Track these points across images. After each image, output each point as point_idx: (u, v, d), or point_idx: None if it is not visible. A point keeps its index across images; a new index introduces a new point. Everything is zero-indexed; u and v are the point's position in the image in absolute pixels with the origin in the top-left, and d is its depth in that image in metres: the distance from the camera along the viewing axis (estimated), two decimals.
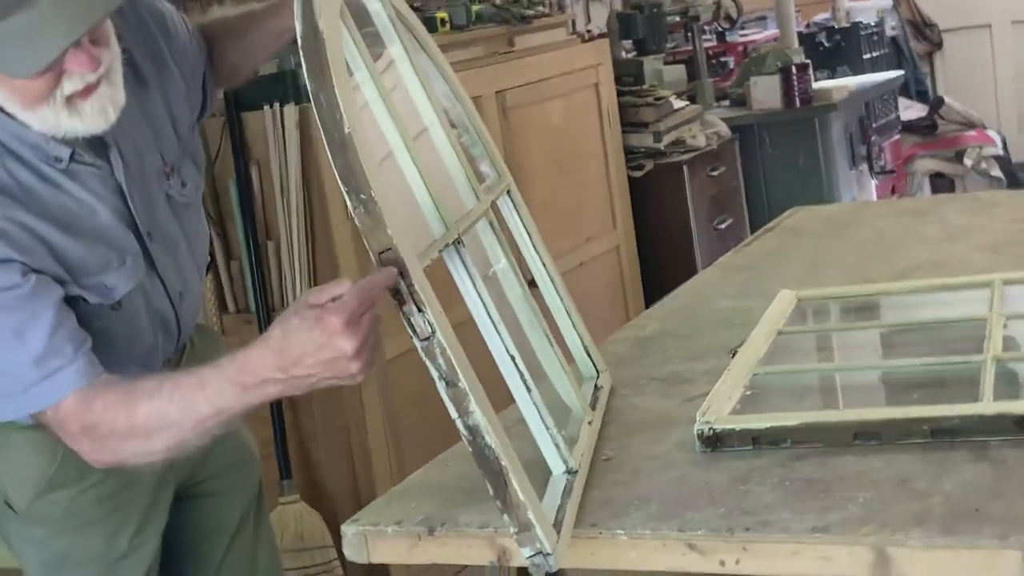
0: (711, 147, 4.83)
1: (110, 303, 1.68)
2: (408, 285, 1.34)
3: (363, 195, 1.34)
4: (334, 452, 3.23)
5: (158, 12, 1.83)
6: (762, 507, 1.40)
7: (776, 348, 1.91)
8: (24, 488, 1.79)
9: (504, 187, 1.83)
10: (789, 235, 2.84)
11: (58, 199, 1.62)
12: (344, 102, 1.37)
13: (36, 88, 1.52)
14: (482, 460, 1.35)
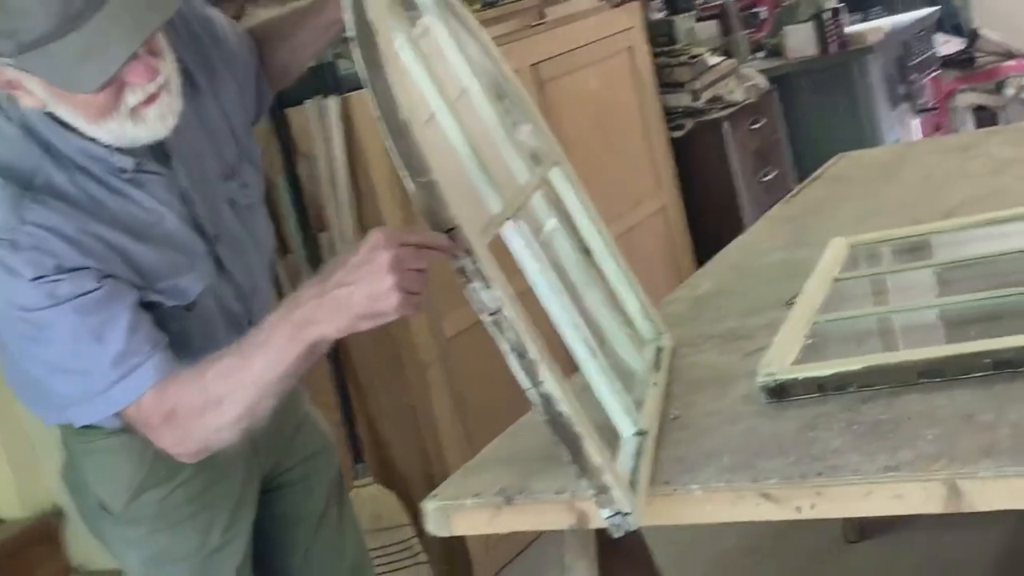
0: (750, 100, 4.82)
1: (184, 304, 1.72)
2: (474, 262, 1.37)
3: (423, 178, 1.37)
4: (403, 433, 3.29)
5: (205, 18, 1.86)
6: (831, 452, 1.42)
7: (832, 296, 1.93)
8: (118, 491, 1.84)
9: (554, 159, 1.86)
10: (836, 182, 2.85)
11: (127, 208, 1.66)
12: (398, 89, 1.40)
13: (101, 103, 1.56)
14: (557, 427, 1.38)
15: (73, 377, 1.63)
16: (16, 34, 1.48)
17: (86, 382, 1.63)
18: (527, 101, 1.89)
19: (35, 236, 1.56)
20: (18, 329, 1.62)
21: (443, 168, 1.40)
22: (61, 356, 1.62)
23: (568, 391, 1.40)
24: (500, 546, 3.37)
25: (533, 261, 1.55)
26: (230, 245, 1.80)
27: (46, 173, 1.61)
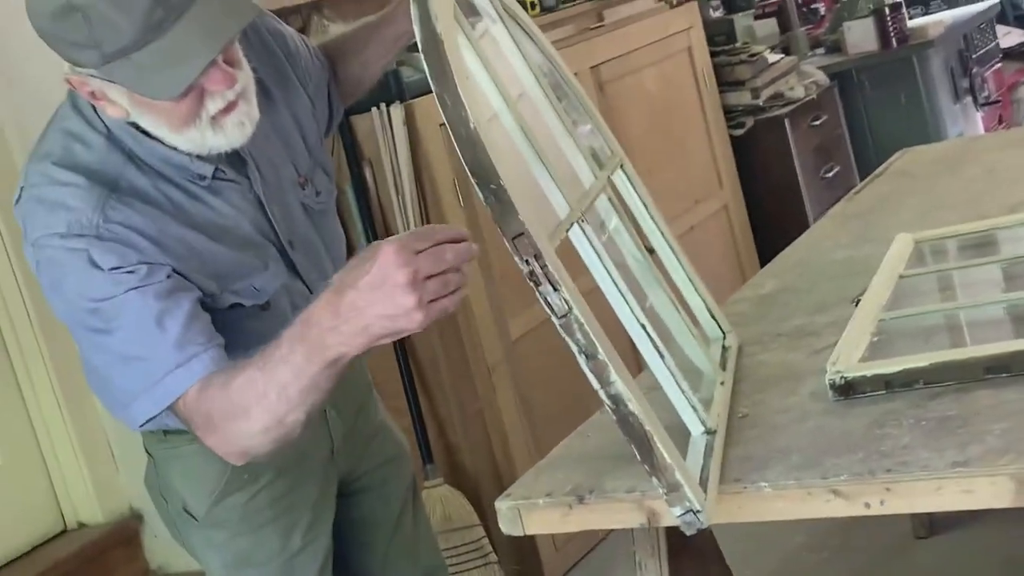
0: (810, 97, 4.81)
1: (260, 303, 1.77)
2: (543, 266, 1.40)
3: (493, 185, 1.39)
4: (471, 435, 3.32)
5: (279, 33, 1.92)
6: (900, 448, 1.43)
7: (899, 292, 1.93)
8: (201, 496, 1.88)
9: (617, 161, 1.88)
10: (899, 178, 2.84)
11: (204, 213, 1.71)
12: (467, 99, 1.43)
13: (183, 111, 1.60)
14: (627, 427, 1.41)
15: (134, 365, 1.64)
16: (100, 45, 1.53)
17: (146, 370, 1.63)
18: (587, 103, 1.92)
19: (118, 233, 1.61)
20: (87, 322, 1.65)
21: (510, 173, 1.43)
22: (125, 343, 1.64)
23: (637, 391, 1.42)
24: (569, 545, 3.40)
25: (600, 264, 1.57)
26: (304, 250, 1.85)
27: (129, 178, 1.66)
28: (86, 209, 1.61)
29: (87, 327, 1.66)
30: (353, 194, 3.26)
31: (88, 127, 1.69)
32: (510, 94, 1.60)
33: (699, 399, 1.63)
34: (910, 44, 5.08)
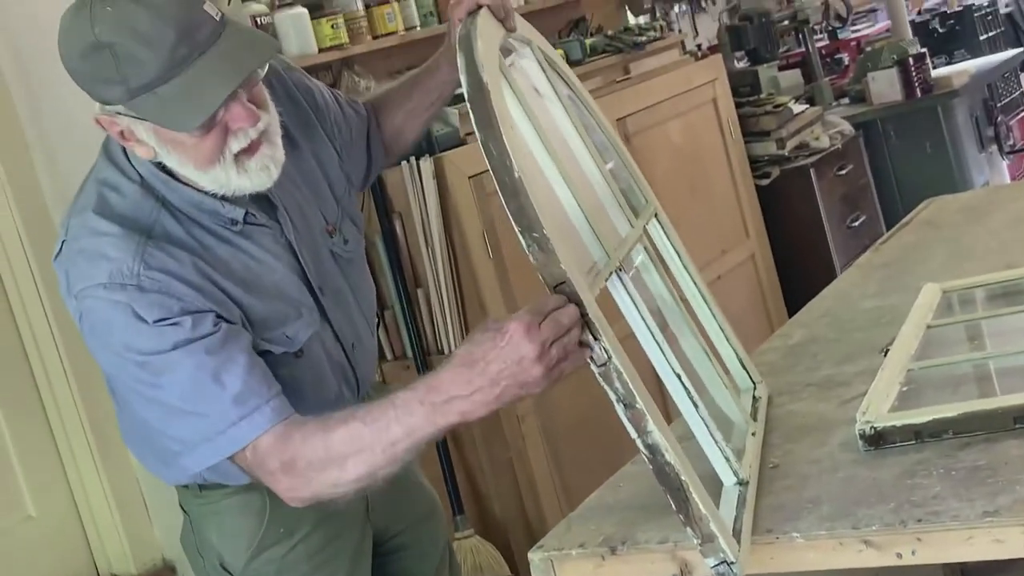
0: (836, 147, 4.84)
1: (293, 351, 1.79)
2: (583, 315, 1.43)
3: (536, 233, 1.42)
4: (501, 485, 3.33)
5: (305, 87, 1.96)
6: (931, 498, 1.44)
7: (927, 342, 1.95)
8: (238, 551, 1.89)
9: (652, 210, 1.91)
10: (926, 228, 2.86)
11: (239, 258, 1.74)
12: (512, 148, 1.46)
13: (208, 148, 1.64)
14: (662, 476, 1.42)
15: (191, 419, 1.66)
16: (127, 80, 1.58)
17: (205, 424, 1.65)
18: (622, 150, 1.95)
19: (160, 281, 1.63)
20: (136, 375, 1.67)
21: (551, 223, 1.45)
22: (180, 399, 1.66)
23: (674, 441, 1.44)
24: None
25: (637, 313, 1.60)
26: (333, 297, 1.87)
27: (163, 224, 1.69)
28: (126, 258, 1.64)
29: (137, 380, 1.68)
30: (383, 246, 3.30)
31: (122, 176, 1.72)
32: (552, 143, 1.63)
33: (731, 449, 1.65)
34: (934, 94, 5.11)
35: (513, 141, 1.47)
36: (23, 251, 2.89)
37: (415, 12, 4.08)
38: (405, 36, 4.01)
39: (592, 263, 1.59)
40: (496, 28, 1.73)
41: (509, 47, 1.78)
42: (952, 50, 6.05)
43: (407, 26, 4.04)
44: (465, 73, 1.52)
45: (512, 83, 1.63)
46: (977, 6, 6.28)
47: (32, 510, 2.96)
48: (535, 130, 1.62)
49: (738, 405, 1.81)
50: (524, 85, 1.70)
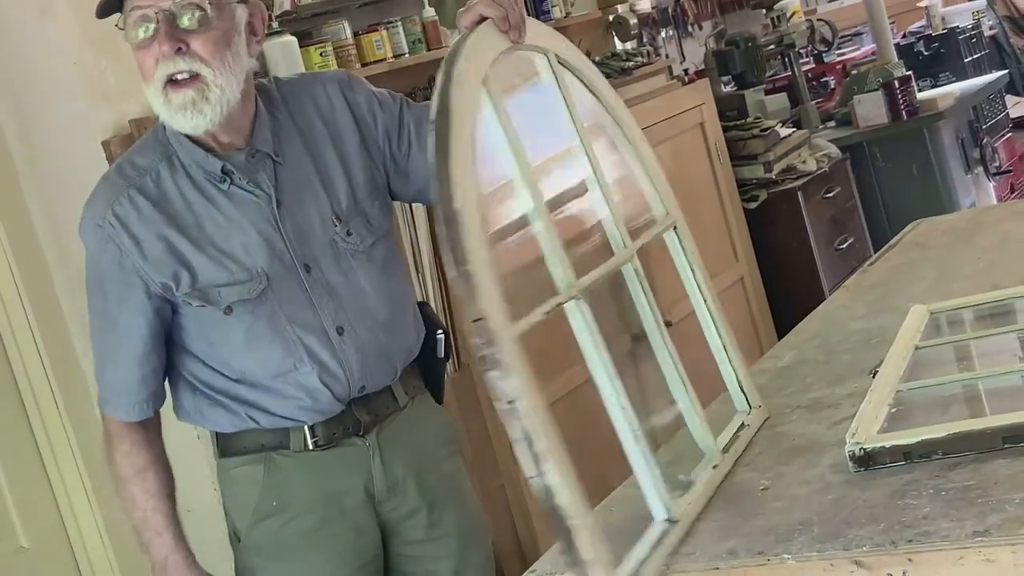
0: (823, 170, 4.87)
1: (221, 308, 1.96)
2: (494, 353, 1.43)
3: (463, 267, 1.43)
4: (493, 511, 3.32)
5: (355, 101, 2.08)
6: (921, 519, 1.45)
7: (915, 363, 1.96)
8: (243, 518, 2.06)
9: (670, 223, 1.92)
10: (913, 249, 2.87)
11: (211, 215, 1.96)
12: (459, 179, 1.47)
13: (143, 63, 1.88)
14: (555, 518, 1.43)
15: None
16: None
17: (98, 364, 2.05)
18: (648, 159, 1.95)
19: (115, 228, 1.94)
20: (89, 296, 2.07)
21: (482, 258, 1.45)
22: (92, 331, 2.08)
23: (572, 484, 1.44)
24: None
25: (590, 343, 1.61)
26: (321, 281, 2.00)
27: (157, 172, 1.96)
28: (101, 201, 1.96)
29: None
30: None
31: (152, 132, 2.01)
32: (529, 167, 1.64)
33: (666, 488, 1.65)
34: (920, 116, 5.14)
35: (463, 173, 1.48)
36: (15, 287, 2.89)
37: (403, 39, 4.11)
38: (394, 63, 4.03)
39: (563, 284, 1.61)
40: (497, 41, 1.73)
41: (523, 56, 1.79)
42: (937, 72, 6.09)
43: (395, 53, 4.07)
44: (437, 92, 1.54)
45: (495, 102, 1.63)
46: (961, 28, 6.31)
47: (23, 540, 2.95)
48: (512, 152, 1.63)
49: (711, 436, 1.82)
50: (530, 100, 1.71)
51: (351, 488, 2.06)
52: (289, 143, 2.01)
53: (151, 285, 1.95)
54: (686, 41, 6.49)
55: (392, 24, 4.09)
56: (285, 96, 2.06)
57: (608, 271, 1.75)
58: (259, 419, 2.02)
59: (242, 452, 2.05)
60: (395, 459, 2.08)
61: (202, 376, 2.03)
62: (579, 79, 1.88)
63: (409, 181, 2.11)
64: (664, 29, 6.36)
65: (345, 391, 2.02)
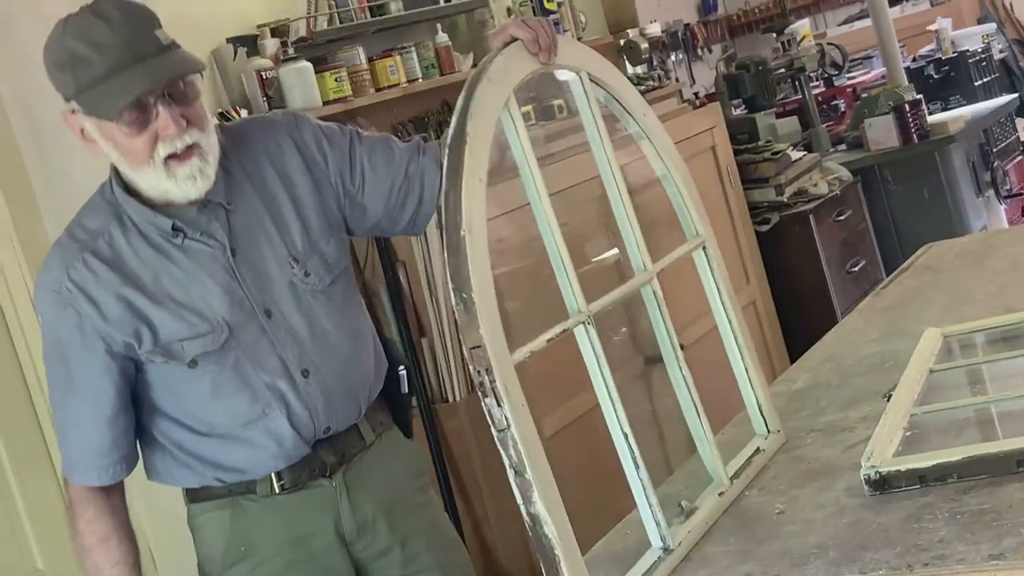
0: (834, 193, 4.88)
1: (185, 362, 1.94)
2: (491, 381, 1.45)
3: (465, 294, 1.46)
4: (507, 534, 3.34)
5: (303, 142, 2.06)
6: (937, 542, 1.46)
7: (929, 386, 1.97)
8: (213, 563, 2.06)
9: (699, 241, 1.94)
10: (925, 272, 2.88)
11: (168, 270, 1.94)
12: (468, 206, 1.49)
13: (138, 147, 1.86)
14: (539, 546, 1.46)
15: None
16: (77, 78, 1.83)
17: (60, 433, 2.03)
18: (683, 180, 1.98)
19: (72, 294, 1.92)
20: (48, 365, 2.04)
21: (486, 286, 1.48)
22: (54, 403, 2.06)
23: (559, 514, 1.47)
24: None
25: (596, 364, 1.64)
26: (283, 324, 1.99)
27: (110, 234, 1.95)
28: (57, 266, 1.94)
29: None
30: (387, 296, 3.33)
31: (100, 192, 1.99)
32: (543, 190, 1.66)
33: (663, 516, 1.67)
34: (931, 139, 5.14)
35: (473, 199, 1.50)
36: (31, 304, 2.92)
37: (417, 65, 4.14)
38: (407, 88, 4.07)
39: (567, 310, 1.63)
40: (526, 63, 1.75)
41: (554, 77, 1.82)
42: (947, 96, 6.09)
43: (409, 78, 4.10)
44: (456, 115, 1.56)
45: (516, 124, 1.65)
46: (971, 52, 6.32)
47: (40, 562, 2.97)
48: (532, 176, 1.65)
49: (721, 462, 1.83)
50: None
51: (320, 530, 2.04)
52: (239, 190, 1.99)
53: (113, 345, 1.93)
54: (696, 65, 6.53)
55: (406, 50, 4.12)
56: (233, 143, 2.03)
57: (624, 294, 1.77)
58: (224, 478, 2.01)
59: (209, 498, 2.04)
60: (363, 498, 2.07)
61: (172, 435, 2.01)
62: (612, 96, 1.90)
63: (366, 214, 2.09)
64: (674, 53, 6.40)
65: (311, 433, 2.01)
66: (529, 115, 3.85)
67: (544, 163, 1.74)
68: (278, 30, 3.83)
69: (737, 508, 1.78)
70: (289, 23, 3.85)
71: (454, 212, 1.49)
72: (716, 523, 1.74)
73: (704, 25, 7.03)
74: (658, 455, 2.70)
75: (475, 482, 3.34)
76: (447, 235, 1.49)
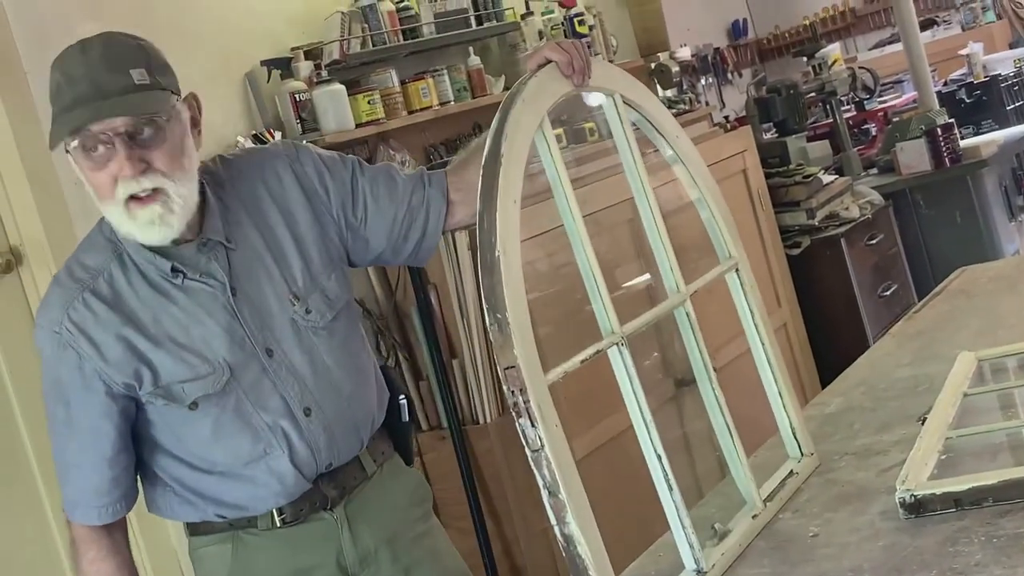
0: (866, 217, 4.87)
1: (186, 404, 1.93)
2: (525, 401, 1.46)
3: (499, 314, 1.47)
4: (537, 556, 3.34)
5: (304, 174, 2.05)
6: (973, 565, 1.45)
7: (964, 410, 1.96)
8: None
9: (731, 265, 1.95)
10: (958, 296, 2.87)
11: (168, 311, 1.93)
12: (503, 226, 1.50)
13: (99, 183, 1.85)
14: (573, 567, 1.46)
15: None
16: (55, 105, 1.84)
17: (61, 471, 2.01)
18: (714, 201, 1.98)
19: (72, 334, 1.91)
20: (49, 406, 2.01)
21: (520, 307, 1.48)
22: (55, 445, 2.03)
23: (593, 534, 1.47)
24: None
25: (629, 386, 1.64)
26: (285, 361, 1.97)
27: (110, 273, 1.93)
28: (57, 308, 1.93)
29: None
30: (419, 317, 3.34)
31: (98, 230, 1.98)
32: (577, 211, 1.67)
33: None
34: (963, 163, 5.13)
35: (507, 220, 1.51)
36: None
37: (449, 87, 4.16)
38: (440, 111, 4.08)
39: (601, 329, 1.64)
40: (560, 86, 1.76)
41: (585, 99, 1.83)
42: (979, 120, 6.07)
43: (441, 101, 4.12)
44: (491, 137, 1.57)
45: (550, 146, 1.67)
46: (1003, 76, 6.30)
47: None
48: (564, 193, 1.66)
49: (754, 484, 1.83)
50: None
51: (321, 562, 2.03)
52: (239, 226, 1.98)
53: (113, 387, 1.92)
54: (725, 89, 6.53)
55: (438, 72, 4.15)
56: (232, 177, 2.03)
57: (658, 315, 1.78)
58: (225, 513, 2.01)
59: (210, 531, 2.03)
60: (365, 529, 2.06)
61: (173, 472, 2.00)
62: (645, 118, 1.91)
63: (369, 246, 2.08)
64: (704, 77, 6.40)
65: (313, 470, 2.00)
66: (560, 138, 3.86)
67: (574, 186, 1.75)
68: (312, 53, 3.86)
69: (771, 531, 1.77)
70: (323, 46, 3.88)
71: (488, 232, 1.50)
72: (750, 545, 1.73)
73: (734, 49, 7.04)
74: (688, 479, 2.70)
75: (505, 503, 3.34)
76: (481, 255, 1.50)
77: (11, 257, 3.09)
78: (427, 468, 3.41)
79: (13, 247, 3.10)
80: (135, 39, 1.90)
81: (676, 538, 1.65)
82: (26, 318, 3.01)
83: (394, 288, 3.38)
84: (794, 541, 1.71)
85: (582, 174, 3.50)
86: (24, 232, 3.09)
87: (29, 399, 2.34)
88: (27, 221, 3.08)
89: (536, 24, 4.60)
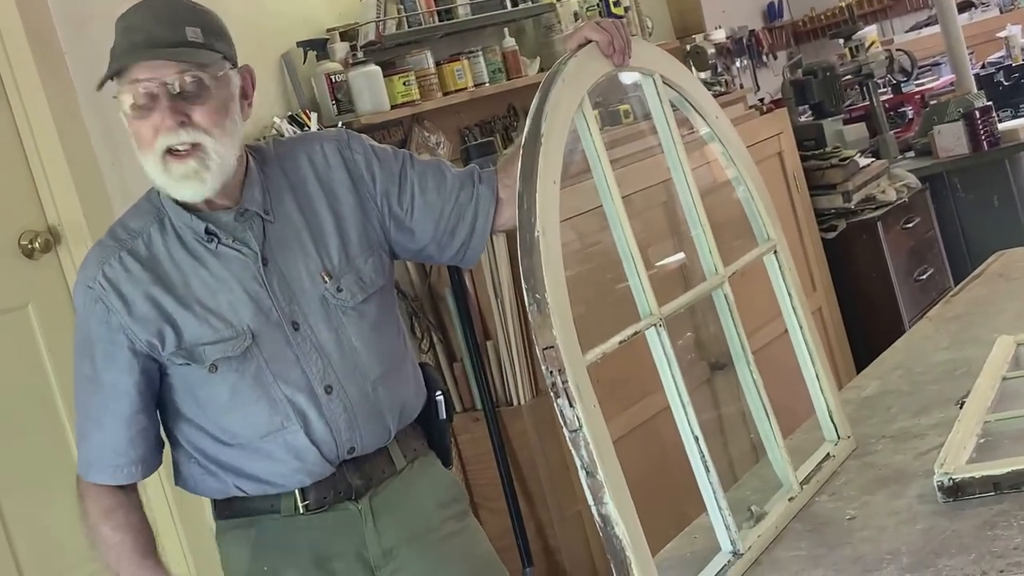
0: (902, 200, 4.83)
1: (205, 366, 1.95)
2: (564, 381, 1.45)
3: (538, 295, 1.47)
4: (570, 538, 3.34)
5: (352, 160, 2.07)
6: (1012, 549, 1.45)
7: (1003, 394, 1.95)
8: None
9: (770, 246, 1.94)
10: (997, 280, 2.85)
11: (198, 274, 1.96)
12: (542, 206, 1.50)
13: (141, 132, 1.89)
14: (610, 547, 1.46)
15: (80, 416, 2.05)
16: (113, 49, 1.89)
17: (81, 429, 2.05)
18: (754, 184, 1.98)
19: (104, 289, 1.95)
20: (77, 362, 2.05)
21: (559, 287, 1.48)
22: (77, 399, 2.06)
23: (630, 515, 1.47)
24: None
25: (667, 367, 1.64)
26: (310, 337, 1.99)
27: (149, 235, 1.98)
28: (93, 264, 1.98)
29: None
30: (453, 299, 3.34)
31: (146, 197, 2.02)
32: (616, 191, 1.67)
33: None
34: (1001, 147, 5.08)
35: (547, 200, 1.51)
36: None
37: (484, 69, 4.16)
38: (474, 92, 4.08)
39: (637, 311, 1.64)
40: (600, 65, 1.75)
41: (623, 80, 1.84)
42: (1018, 103, 6.01)
43: (476, 82, 4.12)
44: (530, 119, 1.57)
45: (590, 126, 1.66)
46: None
47: None
48: (604, 176, 1.65)
49: (791, 467, 1.82)
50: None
51: (342, 552, 2.03)
52: (280, 201, 2.01)
53: (136, 343, 1.95)
54: (760, 71, 6.49)
55: (473, 54, 4.14)
56: (281, 155, 2.06)
57: (696, 297, 1.77)
58: (246, 488, 2.01)
59: (235, 515, 2.05)
60: (390, 524, 2.05)
61: (196, 442, 2.01)
62: (684, 98, 1.90)
63: (414, 238, 2.09)
64: (739, 59, 6.37)
65: (333, 452, 1.99)
66: (595, 119, 3.85)
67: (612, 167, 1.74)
68: (347, 34, 3.86)
69: (807, 513, 1.77)
70: (358, 27, 3.88)
71: (528, 213, 1.50)
72: (786, 528, 1.73)
73: (769, 31, 6.99)
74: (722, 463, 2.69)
75: (539, 485, 3.34)
76: (521, 235, 1.50)
77: (49, 237, 3.12)
78: (461, 449, 3.42)
79: (52, 227, 3.13)
80: (196, 3, 1.96)
81: (712, 519, 1.65)
82: (65, 298, 3.03)
83: (428, 270, 3.39)
84: (831, 524, 1.71)
85: (616, 156, 3.50)
86: (63, 212, 3.12)
87: (68, 380, 2.35)
88: (66, 201, 3.11)
89: (571, 5, 4.59)
